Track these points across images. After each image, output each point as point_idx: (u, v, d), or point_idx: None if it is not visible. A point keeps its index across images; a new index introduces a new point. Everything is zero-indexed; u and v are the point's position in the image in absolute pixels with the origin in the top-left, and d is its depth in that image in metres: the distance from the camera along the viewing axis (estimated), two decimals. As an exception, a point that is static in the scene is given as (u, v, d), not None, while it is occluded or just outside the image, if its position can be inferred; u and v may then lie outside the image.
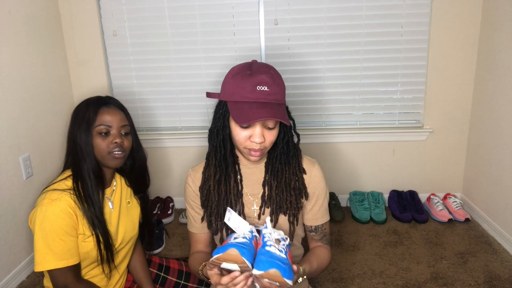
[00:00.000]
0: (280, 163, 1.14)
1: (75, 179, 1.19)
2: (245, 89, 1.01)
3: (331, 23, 2.23)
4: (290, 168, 1.15)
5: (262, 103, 1.01)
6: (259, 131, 1.03)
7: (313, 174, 1.18)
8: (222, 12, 2.25)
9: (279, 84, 1.04)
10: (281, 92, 1.05)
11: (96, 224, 1.19)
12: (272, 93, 1.01)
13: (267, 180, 1.15)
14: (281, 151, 1.14)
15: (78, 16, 2.29)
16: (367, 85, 2.31)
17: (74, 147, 1.20)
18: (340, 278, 1.78)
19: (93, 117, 1.19)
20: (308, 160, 1.21)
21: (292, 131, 1.15)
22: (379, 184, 2.49)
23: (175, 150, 2.49)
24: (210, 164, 1.15)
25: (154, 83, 2.40)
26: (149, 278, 1.44)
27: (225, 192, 1.14)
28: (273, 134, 1.06)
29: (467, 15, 2.16)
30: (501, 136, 2.01)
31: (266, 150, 1.09)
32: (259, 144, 1.04)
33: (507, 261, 1.87)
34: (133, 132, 1.30)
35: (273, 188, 1.14)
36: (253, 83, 1.00)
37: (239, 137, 1.05)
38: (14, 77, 1.88)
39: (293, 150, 1.16)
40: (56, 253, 1.13)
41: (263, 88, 1.00)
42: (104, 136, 1.20)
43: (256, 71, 1.02)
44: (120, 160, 1.24)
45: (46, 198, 1.13)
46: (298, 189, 1.15)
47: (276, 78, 1.04)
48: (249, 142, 1.05)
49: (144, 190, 1.42)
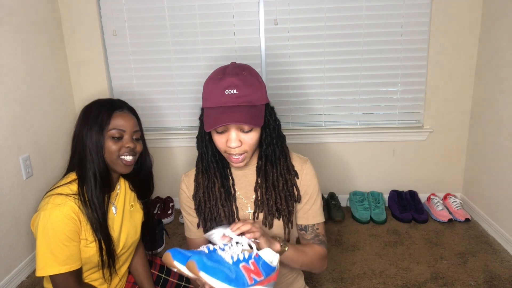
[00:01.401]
0: (267, 164, 1.12)
1: (80, 183, 1.18)
2: (215, 95, 1.00)
3: (331, 23, 2.23)
4: (277, 169, 1.12)
5: (229, 107, 0.98)
6: (234, 136, 1.01)
7: (304, 172, 1.15)
8: (222, 12, 2.25)
9: (252, 85, 1.01)
10: (254, 93, 1.01)
11: (98, 230, 1.18)
12: (242, 95, 0.99)
13: (259, 184, 1.13)
14: (266, 152, 1.11)
15: (78, 16, 2.29)
16: (367, 85, 2.31)
17: (82, 148, 1.19)
18: (340, 278, 1.78)
19: (107, 120, 1.18)
20: (299, 158, 1.18)
21: (277, 132, 1.12)
22: (379, 184, 2.49)
23: (175, 150, 2.49)
24: (199, 171, 1.15)
25: (154, 83, 2.40)
26: (150, 279, 1.43)
27: (216, 199, 1.12)
28: (251, 137, 1.03)
29: (467, 15, 2.16)
30: (501, 136, 2.01)
31: (249, 154, 1.06)
32: (236, 149, 1.02)
33: (507, 261, 1.87)
34: (142, 138, 1.30)
35: (263, 192, 1.12)
36: (222, 87, 0.99)
37: (218, 143, 1.04)
38: (14, 77, 1.88)
39: (279, 150, 1.12)
40: (58, 259, 1.12)
41: (232, 91, 0.98)
42: (117, 140, 1.19)
43: (228, 74, 1.01)
44: (130, 167, 1.23)
45: (50, 203, 1.12)
46: (287, 190, 1.12)
47: (248, 79, 1.01)
48: (227, 147, 1.03)
49: (148, 196, 1.41)
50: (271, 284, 0.92)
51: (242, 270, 0.88)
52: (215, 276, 0.85)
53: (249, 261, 0.90)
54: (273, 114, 1.11)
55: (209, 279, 0.84)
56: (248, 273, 0.88)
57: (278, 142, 1.12)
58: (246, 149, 1.04)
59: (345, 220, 2.33)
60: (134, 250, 1.41)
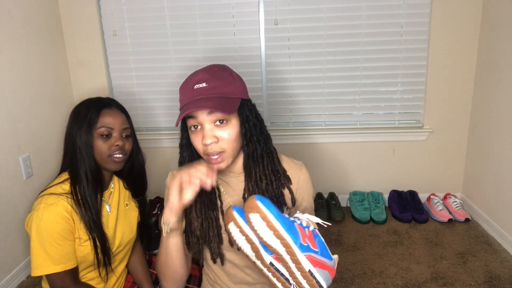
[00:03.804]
0: (248, 162, 1.05)
1: (73, 182, 1.18)
2: (186, 91, 0.98)
3: (331, 23, 2.23)
4: (259, 167, 1.05)
5: (198, 100, 0.95)
6: (208, 129, 0.95)
7: (301, 179, 1.09)
8: (222, 12, 2.25)
9: (223, 78, 0.98)
10: (226, 85, 0.97)
11: (93, 228, 1.18)
12: (211, 87, 0.95)
13: (249, 192, 1.06)
14: (247, 150, 1.03)
15: (78, 16, 2.29)
16: (367, 85, 2.31)
17: (73, 147, 1.19)
18: (340, 278, 1.78)
19: (95, 119, 1.18)
20: (293, 163, 1.11)
21: (259, 129, 1.04)
22: (379, 184, 2.49)
23: (175, 150, 2.44)
24: None
25: (154, 83, 2.40)
26: (149, 279, 1.43)
27: (191, 207, 1.05)
28: (227, 131, 0.96)
29: (467, 15, 2.16)
30: (501, 136, 2.01)
31: (228, 154, 0.98)
32: (213, 145, 0.96)
33: (507, 261, 1.87)
34: (133, 135, 1.30)
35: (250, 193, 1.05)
36: (192, 83, 0.97)
37: (195, 144, 0.99)
38: (14, 77, 1.88)
39: (261, 148, 1.05)
40: (53, 258, 1.12)
41: (201, 85, 0.96)
42: (106, 138, 1.19)
43: (198, 71, 0.99)
44: (120, 164, 1.23)
45: (42, 203, 1.13)
46: (273, 191, 1.05)
47: (219, 73, 0.98)
48: (204, 146, 0.97)
49: (142, 194, 1.41)
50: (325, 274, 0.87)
51: (297, 228, 0.85)
52: (273, 213, 0.81)
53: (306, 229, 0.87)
54: (254, 110, 1.04)
55: (267, 212, 0.81)
56: (302, 233, 0.85)
57: (260, 140, 1.05)
58: (224, 147, 0.97)
59: (345, 220, 2.33)
60: (131, 249, 1.41)
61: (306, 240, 0.85)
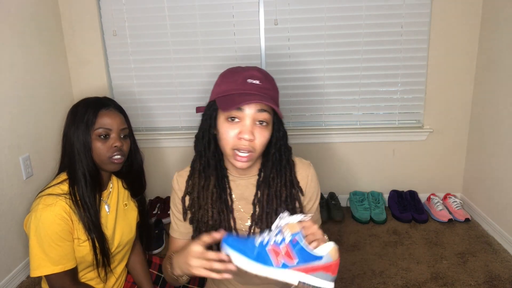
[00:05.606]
0: (272, 171, 1.05)
1: (71, 183, 1.17)
2: (236, 82, 0.96)
3: (331, 23, 2.23)
4: (282, 179, 1.06)
5: (252, 94, 0.94)
6: (249, 123, 0.94)
7: (309, 179, 1.12)
8: (222, 12, 2.25)
9: (272, 83, 1.01)
10: (274, 90, 1.00)
11: (91, 229, 1.17)
12: (265, 88, 0.96)
13: (259, 198, 1.06)
14: (274, 158, 1.04)
15: (78, 16, 2.29)
16: (367, 85, 2.31)
17: (71, 148, 1.19)
18: (340, 278, 1.78)
19: (93, 120, 1.17)
20: (302, 163, 1.13)
21: (285, 141, 1.07)
22: (379, 184, 2.49)
23: (175, 150, 2.49)
24: (195, 171, 1.07)
25: (154, 83, 2.40)
26: (149, 279, 1.43)
27: (207, 198, 1.05)
28: (264, 134, 0.97)
29: (467, 15, 2.16)
30: (501, 136, 2.01)
31: (255, 156, 0.98)
32: (247, 143, 0.94)
33: (507, 261, 1.87)
34: (131, 135, 1.29)
35: (264, 205, 1.06)
36: (244, 76, 0.96)
37: (227, 135, 0.96)
38: (15, 77, 1.88)
39: (286, 160, 1.07)
40: (52, 258, 1.12)
41: (255, 82, 0.95)
42: (104, 139, 1.19)
43: (249, 68, 1.00)
44: (119, 165, 1.23)
45: (40, 203, 1.12)
46: (290, 204, 1.06)
47: (269, 76, 1.01)
48: (237, 140, 0.95)
49: (140, 193, 1.41)
50: (321, 275, 0.88)
51: (269, 252, 0.86)
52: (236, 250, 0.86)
53: (281, 245, 0.87)
54: (282, 124, 1.07)
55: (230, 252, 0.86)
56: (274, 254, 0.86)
57: (286, 152, 1.07)
58: (255, 147, 0.97)
59: (345, 220, 2.33)
60: (130, 249, 1.41)
61: (280, 260, 0.86)
